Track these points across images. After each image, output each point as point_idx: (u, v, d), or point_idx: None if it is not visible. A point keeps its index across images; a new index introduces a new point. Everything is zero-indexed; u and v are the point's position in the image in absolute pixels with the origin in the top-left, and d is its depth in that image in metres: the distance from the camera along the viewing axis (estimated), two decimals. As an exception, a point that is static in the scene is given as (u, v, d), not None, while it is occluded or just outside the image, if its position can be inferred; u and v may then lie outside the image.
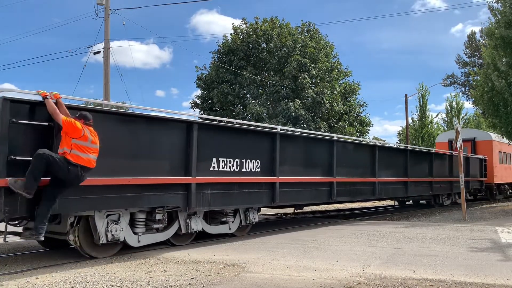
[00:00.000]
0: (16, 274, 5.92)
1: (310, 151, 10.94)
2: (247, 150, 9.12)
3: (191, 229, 8.22)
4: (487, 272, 5.85)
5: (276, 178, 9.67)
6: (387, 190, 14.22)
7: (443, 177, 17.96)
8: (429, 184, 16.80)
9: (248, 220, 9.59)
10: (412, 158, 15.57)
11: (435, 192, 17.47)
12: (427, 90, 44.41)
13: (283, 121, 25.52)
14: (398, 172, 14.85)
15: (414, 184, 15.68)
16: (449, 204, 19.27)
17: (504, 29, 16.49)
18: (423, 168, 16.54)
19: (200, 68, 30.35)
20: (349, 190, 12.22)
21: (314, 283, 5.32)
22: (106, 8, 21.17)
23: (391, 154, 14.91)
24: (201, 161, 8.10)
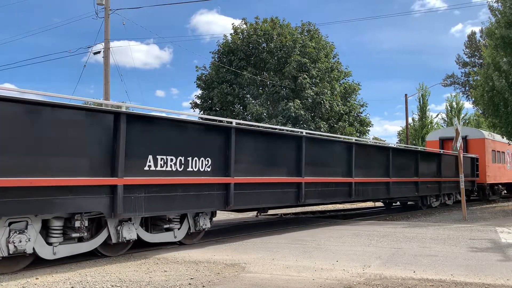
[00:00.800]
0: (16, 274, 5.91)
1: (274, 148, 9.90)
2: (194, 146, 7.97)
3: (122, 238, 7.09)
4: (487, 272, 5.85)
5: (231, 178, 8.55)
6: (365, 191, 13.09)
7: (431, 177, 17.02)
8: (414, 184, 15.84)
9: (198, 227, 8.46)
10: (395, 157, 14.61)
11: (422, 193, 16.45)
12: (427, 90, 44.45)
13: (283, 121, 25.52)
14: (379, 171, 13.80)
15: (398, 184, 14.69)
16: (438, 205, 18.43)
17: (504, 29, 16.49)
18: (408, 167, 15.59)
19: (200, 68, 30.38)
20: (320, 191, 11.13)
21: (314, 283, 5.32)
22: (106, 8, 21.17)
23: (371, 153, 13.76)
24: (132, 159, 6.93)
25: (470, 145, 22.49)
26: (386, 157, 14.18)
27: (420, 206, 17.58)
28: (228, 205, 8.58)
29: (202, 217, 8.55)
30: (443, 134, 24.18)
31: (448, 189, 18.61)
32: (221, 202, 8.51)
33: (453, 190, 19.09)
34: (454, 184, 18.78)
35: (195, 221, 8.47)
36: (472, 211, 16.78)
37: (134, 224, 7.33)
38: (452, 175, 18.53)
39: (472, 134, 23.35)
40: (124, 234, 7.13)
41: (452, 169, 18.53)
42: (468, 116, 49.71)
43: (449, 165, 18.46)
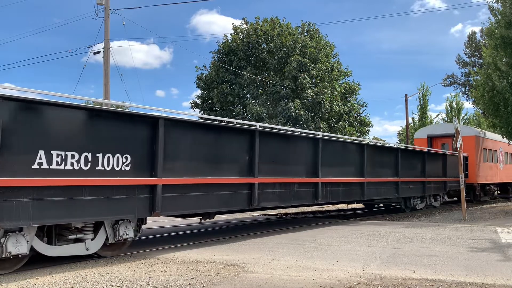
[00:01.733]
0: (16, 274, 5.91)
1: (220, 144, 8.58)
2: (106, 141, 6.59)
3: (6, 252, 5.70)
4: (487, 272, 5.85)
5: (158, 179, 7.15)
6: (335, 193, 11.73)
7: (414, 177, 15.76)
8: (395, 185, 14.48)
9: (118, 237, 7.05)
10: (371, 155, 13.26)
11: (404, 194, 15.12)
12: (428, 90, 44.44)
13: (283, 121, 25.52)
14: (351, 171, 12.44)
15: (375, 185, 13.36)
16: (423, 207, 17.21)
17: (504, 29, 16.50)
18: (387, 166, 14.27)
19: (200, 68, 30.38)
20: (279, 193, 9.90)
21: (314, 283, 5.32)
22: (106, 8, 21.17)
23: (342, 149, 12.36)
24: (13, 154, 5.58)
25: None
26: (360, 154, 12.82)
27: (403, 208, 16.40)
28: (154, 211, 7.16)
29: (123, 225, 7.16)
30: (432, 131, 23.18)
31: (434, 190, 17.45)
32: (145, 207, 7.10)
33: (439, 190, 17.97)
34: (441, 185, 17.81)
35: (115, 230, 7.07)
36: (472, 211, 16.79)
37: (25, 236, 5.96)
38: (438, 174, 17.58)
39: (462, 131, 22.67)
40: (9, 247, 5.74)
41: (439, 168, 17.66)
42: (468, 116, 49.74)
43: (435, 164, 17.42)
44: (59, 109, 6.17)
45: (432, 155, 17.62)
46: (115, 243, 7.17)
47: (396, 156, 14.71)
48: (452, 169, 18.29)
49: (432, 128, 24.70)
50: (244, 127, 9.39)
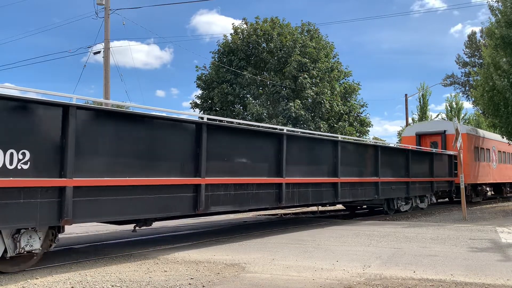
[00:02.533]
0: (16, 274, 5.91)
1: (156, 140, 7.41)
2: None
3: None
4: (487, 272, 5.85)
5: (68, 180, 6.03)
6: (303, 194, 10.49)
7: (397, 177, 14.50)
8: (374, 185, 13.22)
9: (19, 249, 5.86)
10: (346, 153, 12.04)
11: (385, 195, 13.90)
12: (428, 90, 44.44)
13: (283, 121, 25.52)
14: (323, 170, 11.21)
15: (350, 185, 12.09)
16: (409, 209, 15.97)
17: (504, 29, 16.51)
18: (366, 165, 13.01)
19: (200, 68, 30.37)
20: (233, 195, 8.69)
21: (314, 283, 5.32)
22: (106, 8, 21.17)
23: (311, 147, 11.05)
24: None
25: (449, 140, 19.81)
26: (333, 152, 11.61)
27: (385, 210, 15.05)
28: (63, 218, 6.02)
29: (25, 235, 5.96)
30: (420, 129, 22.04)
31: (421, 191, 16.27)
32: (52, 213, 5.97)
33: (426, 191, 16.70)
34: (427, 185, 16.59)
35: (15, 240, 5.87)
36: (472, 211, 16.79)
37: None
38: (425, 174, 16.41)
39: (451, 128, 20.19)
40: None
41: (425, 168, 16.50)
42: (468, 116, 49.75)
43: (421, 163, 16.23)
44: None
45: (418, 153, 16.46)
46: (18, 256, 5.96)
47: (376, 155, 13.40)
48: (440, 169, 17.45)
49: (420, 125, 23.39)
50: (189, 120, 8.16)
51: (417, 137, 21.48)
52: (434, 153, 17.22)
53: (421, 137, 21.38)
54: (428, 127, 21.82)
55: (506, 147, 25.34)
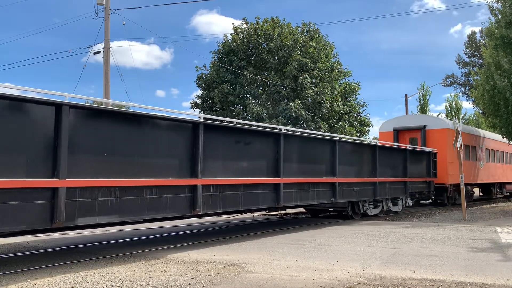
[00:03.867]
0: (16, 274, 5.92)
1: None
2: None
3: None
4: (487, 272, 5.85)
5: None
6: (231, 199, 8.49)
7: (361, 177, 12.59)
8: (331, 187, 11.27)
9: None
10: (292, 149, 10.06)
11: (345, 198, 11.89)
12: (428, 90, 44.46)
13: (283, 121, 25.52)
14: (260, 169, 9.24)
15: (297, 187, 10.11)
16: (380, 213, 14.22)
17: (504, 29, 16.51)
18: (320, 163, 11.06)
19: (200, 68, 30.38)
20: (118, 202, 6.66)
21: (314, 283, 5.32)
22: (106, 8, 21.17)
23: (242, 141, 8.95)
24: None
25: (430, 137, 18.46)
26: (273, 147, 9.58)
27: (349, 214, 13.10)
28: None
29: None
30: (398, 123, 19.94)
31: (392, 192, 14.35)
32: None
33: (399, 193, 14.83)
34: (400, 186, 14.75)
35: None
36: (472, 211, 16.78)
37: None
38: (398, 174, 14.61)
39: (432, 123, 18.92)
40: None
41: (398, 166, 14.68)
42: (468, 116, 49.76)
43: (392, 161, 14.40)
44: None
45: (388, 150, 14.64)
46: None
47: (333, 151, 11.47)
48: (416, 168, 15.73)
49: (399, 120, 20.85)
50: (46, 100, 6.04)
51: (395, 132, 19.54)
52: (409, 150, 15.38)
53: (399, 133, 19.58)
54: (407, 122, 19.92)
55: (494, 144, 23.92)
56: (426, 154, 16.74)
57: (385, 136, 19.74)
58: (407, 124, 19.67)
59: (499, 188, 24.77)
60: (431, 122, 19.02)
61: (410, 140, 19.13)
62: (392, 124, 20.10)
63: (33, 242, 8.98)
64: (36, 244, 8.77)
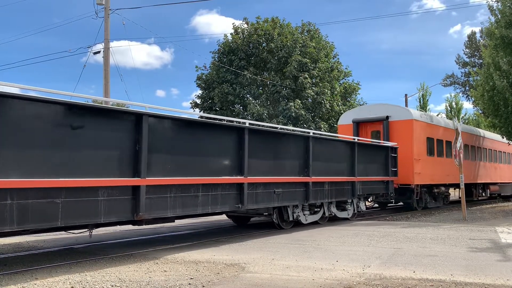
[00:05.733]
0: (16, 274, 5.92)
1: None
2: None
3: None
4: (487, 272, 5.85)
5: None
6: (67, 207, 5.90)
7: (286, 176, 9.94)
8: (236, 189, 8.63)
9: None
10: (164, 139, 7.39)
11: (259, 203, 9.19)
12: (428, 90, 44.45)
13: (283, 121, 25.53)
14: (111, 166, 6.58)
15: (175, 190, 7.39)
16: (321, 220, 11.71)
17: (504, 29, 16.51)
18: (216, 158, 8.35)
19: (200, 68, 30.38)
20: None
21: (314, 283, 5.32)
22: (106, 8, 21.17)
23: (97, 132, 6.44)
24: None
25: (394, 129, 16.04)
26: (132, 137, 6.88)
27: (276, 223, 10.52)
28: None
29: None
30: (358, 115, 17.36)
31: (336, 195, 11.71)
32: None
33: (345, 195, 12.13)
34: (346, 187, 12.14)
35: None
36: (472, 211, 16.78)
37: None
38: (343, 172, 11.93)
39: (396, 114, 16.31)
40: None
41: (344, 163, 12.02)
42: (468, 116, 49.75)
43: (336, 157, 11.76)
44: None
45: (327, 143, 11.80)
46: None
47: (240, 142, 8.76)
48: (369, 165, 13.12)
49: (359, 111, 18.18)
50: None
51: (355, 125, 16.91)
52: (358, 143, 12.67)
53: (359, 126, 16.99)
54: (368, 113, 17.10)
55: (474, 140, 21.26)
56: (382, 149, 14.07)
57: (344, 129, 17.15)
58: (368, 115, 16.95)
59: (482, 189, 22.40)
60: (395, 113, 16.35)
61: (372, 133, 16.72)
62: (351, 116, 17.45)
63: (33, 242, 8.98)
64: (36, 244, 8.77)
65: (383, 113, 16.46)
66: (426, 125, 16.88)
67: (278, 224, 10.62)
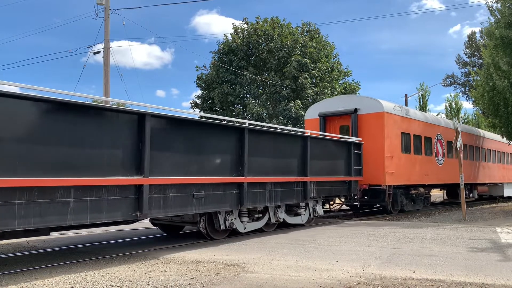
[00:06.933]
0: (16, 274, 5.92)
1: None
2: None
3: None
4: (487, 272, 5.85)
5: None
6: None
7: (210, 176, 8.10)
8: (132, 192, 6.78)
9: None
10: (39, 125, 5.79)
11: (167, 210, 7.33)
12: (427, 90, 44.47)
13: (283, 121, 25.53)
14: None
15: (37, 194, 5.60)
16: (266, 227, 10.12)
17: (504, 29, 16.50)
18: (101, 153, 6.46)
19: (200, 68, 30.40)
20: None
21: (314, 283, 5.32)
22: (106, 8, 21.16)
23: None
24: None
25: (364, 123, 14.32)
26: None
27: (205, 233, 8.80)
28: None
29: None
30: (325, 107, 15.52)
31: (283, 197, 10.02)
32: None
33: (297, 198, 10.51)
34: (297, 189, 10.44)
35: None
36: (472, 211, 16.77)
37: None
38: (292, 171, 10.27)
39: (365, 106, 14.49)
40: None
41: (294, 161, 10.35)
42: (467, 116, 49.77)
43: (283, 153, 10.05)
44: None
45: (269, 137, 9.91)
46: None
47: (140, 133, 6.91)
48: (326, 163, 11.49)
49: (326, 103, 16.07)
50: None
51: (322, 119, 15.17)
52: (311, 138, 10.99)
53: (326, 120, 15.32)
54: (336, 106, 15.30)
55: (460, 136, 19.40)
56: (343, 145, 12.39)
57: (311, 124, 15.50)
58: (336, 108, 15.18)
59: (468, 190, 20.42)
60: (365, 105, 14.51)
61: (341, 129, 15.17)
62: (318, 109, 15.66)
63: (33, 242, 8.98)
64: (36, 244, 8.77)
65: (351, 106, 14.75)
66: (400, 119, 15.07)
67: (207, 233, 8.86)
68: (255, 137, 9.30)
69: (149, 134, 7.00)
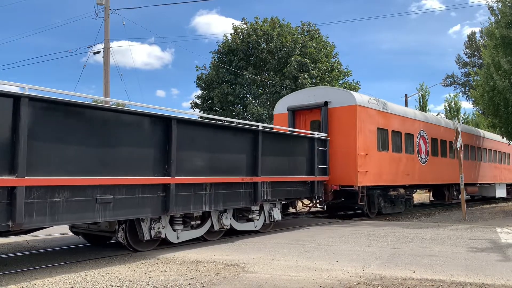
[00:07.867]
0: (16, 274, 5.92)
1: None
2: None
3: None
4: (487, 272, 5.85)
5: None
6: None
7: (124, 176, 6.70)
8: (6, 197, 5.33)
9: None
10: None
11: (52, 218, 5.77)
12: (427, 90, 44.48)
13: (283, 121, 25.53)
14: None
15: None
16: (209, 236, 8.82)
17: (504, 29, 16.51)
18: None
19: (200, 68, 30.38)
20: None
21: (314, 283, 5.32)
22: (106, 8, 21.16)
23: None
24: None
25: (335, 118, 13.00)
26: None
27: (125, 244, 7.49)
28: None
29: None
30: (294, 101, 14.22)
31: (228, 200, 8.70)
32: None
33: (246, 201, 9.20)
34: (247, 190, 9.22)
35: None
36: (472, 211, 16.78)
37: None
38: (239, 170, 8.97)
39: (336, 99, 13.18)
40: None
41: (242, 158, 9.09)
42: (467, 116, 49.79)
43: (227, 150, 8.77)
44: None
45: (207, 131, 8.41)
46: None
47: (14, 121, 5.49)
48: (282, 161, 10.29)
49: (296, 96, 14.75)
50: None
51: (290, 114, 13.89)
52: (263, 132, 9.57)
53: (296, 114, 14.06)
54: (306, 99, 13.96)
55: (443, 133, 17.81)
56: (305, 141, 11.22)
57: (279, 119, 14.25)
58: (306, 101, 13.85)
59: (456, 191, 18.85)
60: (336, 98, 13.24)
61: (311, 124, 13.87)
62: (286, 103, 14.32)
63: (33, 242, 8.98)
64: (36, 244, 8.77)
65: (321, 99, 13.34)
66: (376, 113, 13.63)
67: (128, 244, 7.50)
68: (189, 130, 7.88)
69: (25, 122, 5.48)
